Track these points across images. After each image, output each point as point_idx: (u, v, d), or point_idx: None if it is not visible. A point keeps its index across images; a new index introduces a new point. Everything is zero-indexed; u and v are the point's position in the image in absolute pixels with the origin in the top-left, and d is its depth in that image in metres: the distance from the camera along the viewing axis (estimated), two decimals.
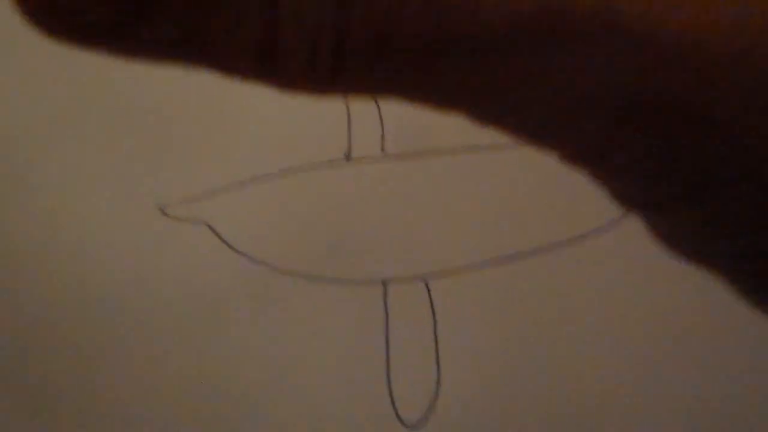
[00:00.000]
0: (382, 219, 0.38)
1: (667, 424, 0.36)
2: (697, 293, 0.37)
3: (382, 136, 0.40)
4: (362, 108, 0.40)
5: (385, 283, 0.37)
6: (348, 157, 0.39)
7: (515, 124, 0.14)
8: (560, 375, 0.36)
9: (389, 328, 0.36)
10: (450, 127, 0.40)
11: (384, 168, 0.39)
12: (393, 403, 0.36)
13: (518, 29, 0.13)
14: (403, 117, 0.40)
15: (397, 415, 0.36)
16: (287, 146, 0.39)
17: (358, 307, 0.36)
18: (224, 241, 0.37)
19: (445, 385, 0.36)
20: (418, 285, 0.37)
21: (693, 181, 0.14)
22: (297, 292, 0.36)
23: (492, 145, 0.40)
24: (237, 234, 0.37)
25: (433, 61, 0.13)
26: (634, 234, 0.38)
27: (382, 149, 0.40)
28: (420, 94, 0.14)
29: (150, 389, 0.35)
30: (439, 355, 0.35)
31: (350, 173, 0.39)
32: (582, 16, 0.12)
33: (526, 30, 0.13)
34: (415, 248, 0.37)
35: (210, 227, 0.37)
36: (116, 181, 0.39)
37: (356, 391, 0.36)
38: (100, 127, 0.40)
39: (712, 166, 0.14)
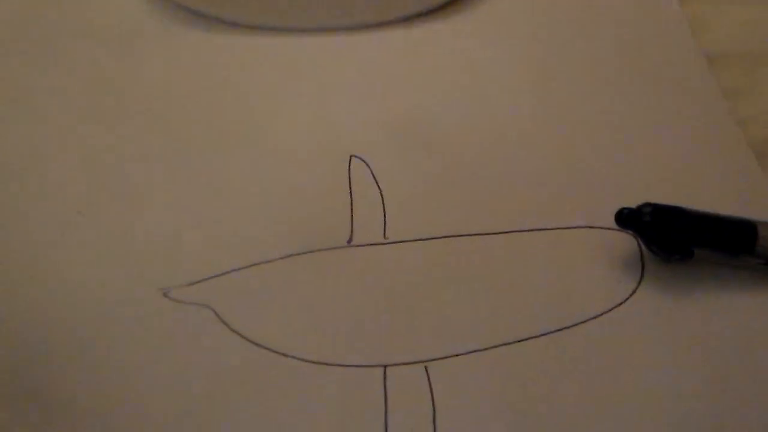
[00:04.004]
0: (382, 303, 0.38)
1: None
2: (701, 378, 0.36)
3: (384, 223, 0.41)
4: (365, 195, 0.41)
5: (385, 368, 0.36)
6: (350, 242, 0.40)
7: None
8: None
9: (388, 412, 0.35)
10: (451, 214, 0.41)
11: (385, 253, 0.40)
12: None
13: None
14: (404, 205, 0.41)
15: None
16: (291, 231, 0.40)
17: (357, 392, 0.36)
18: (227, 325, 0.38)
19: None
20: (417, 370, 0.36)
21: None
22: (297, 375, 0.36)
23: (488, 232, 0.41)
24: (239, 318, 0.38)
25: None
26: (636, 317, 0.38)
27: (384, 236, 0.40)
28: None
29: None
30: None
31: (352, 258, 0.39)
32: None
33: None
34: (414, 333, 0.37)
35: (213, 310, 0.38)
36: (118, 262, 0.40)
37: None
38: (99, 208, 0.41)
39: None
